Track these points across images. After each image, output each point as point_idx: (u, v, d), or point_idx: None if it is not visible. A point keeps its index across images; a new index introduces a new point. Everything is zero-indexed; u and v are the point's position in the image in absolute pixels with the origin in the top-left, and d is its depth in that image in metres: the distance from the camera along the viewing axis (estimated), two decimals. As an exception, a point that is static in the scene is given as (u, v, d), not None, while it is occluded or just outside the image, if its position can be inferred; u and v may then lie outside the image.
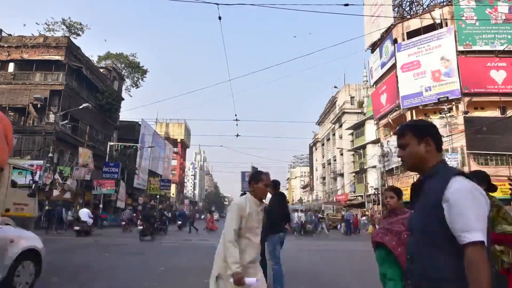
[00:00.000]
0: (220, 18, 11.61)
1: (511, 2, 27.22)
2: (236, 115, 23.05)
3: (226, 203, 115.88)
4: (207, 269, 3.26)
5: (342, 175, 47.08)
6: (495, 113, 26.24)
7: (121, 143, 33.97)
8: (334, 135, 50.82)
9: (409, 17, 31.32)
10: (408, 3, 32.76)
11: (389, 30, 31.17)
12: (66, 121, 25.15)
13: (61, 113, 24.34)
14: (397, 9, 32.63)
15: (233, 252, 2.62)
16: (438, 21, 27.96)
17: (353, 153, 42.76)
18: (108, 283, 6.38)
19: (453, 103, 26.22)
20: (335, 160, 50.28)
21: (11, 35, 29.49)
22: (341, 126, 46.78)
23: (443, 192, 1.38)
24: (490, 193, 2.65)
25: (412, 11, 32.45)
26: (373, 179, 36.11)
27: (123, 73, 42.08)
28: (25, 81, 26.83)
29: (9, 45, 27.69)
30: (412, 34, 29.47)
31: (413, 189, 1.59)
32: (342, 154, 46.44)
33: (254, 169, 44.57)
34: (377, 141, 34.46)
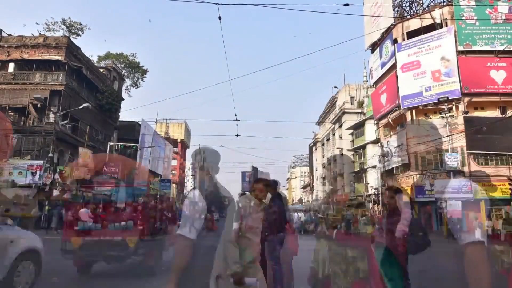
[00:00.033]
0: (220, 18, 11.62)
1: (511, 2, 27.22)
2: (236, 115, 23.10)
3: (226, 203, 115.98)
4: (207, 269, 3.25)
5: (342, 175, 47.10)
6: (495, 113, 26.23)
7: (121, 143, 33.96)
8: (334, 135, 50.81)
9: (409, 17, 31.31)
10: (408, 3, 32.75)
11: (389, 30, 31.17)
12: (66, 121, 25.15)
13: (61, 113, 24.35)
14: (397, 9, 32.61)
15: (233, 252, 2.63)
16: (438, 21, 27.95)
17: (353, 153, 42.77)
18: (108, 283, 6.38)
19: (453, 103, 26.21)
20: (335, 160, 50.28)
21: (11, 35, 29.49)
22: (341, 126, 46.77)
23: None
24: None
25: (412, 11, 32.44)
26: (373, 179, 36.13)
27: (123, 73, 42.09)
28: (25, 81, 26.82)
29: (9, 45, 27.70)
30: (412, 34, 29.46)
31: None
32: (342, 154, 46.44)
33: (254, 169, 44.67)
34: (377, 141, 34.46)
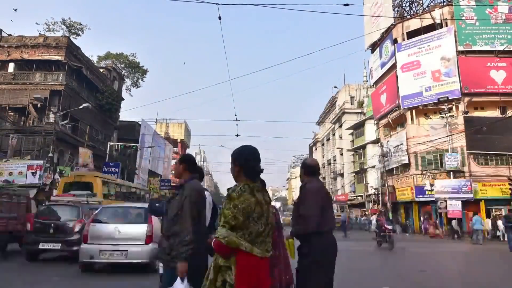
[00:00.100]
0: (220, 18, 11.63)
1: (511, 2, 27.22)
2: (236, 115, 23.08)
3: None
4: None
5: (342, 175, 47.10)
6: (495, 113, 26.24)
7: (121, 143, 33.96)
8: (334, 135, 50.82)
9: (409, 17, 31.31)
10: (408, 3, 32.77)
11: (389, 30, 31.18)
12: (66, 121, 25.14)
13: (61, 113, 24.34)
14: (397, 9, 32.63)
15: None
16: (438, 21, 27.96)
17: (353, 153, 42.77)
18: (108, 282, 6.38)
19: (453, 103, 26.23)
20: (335, 160, 50.29)
21: (11, 35, 29.49)
22: (341, 126, 46.78)
23: None
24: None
25: (412, 11, 32.46)
26: (373, 179, 36.14)
27: (123, 73, 42.09)
28: (25, 81, 26.82)
29: (9, 45, 27.69)
30: (412, 34, 29.47)
31: None
32: (342, 154, 46.46)
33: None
34: (377, 141, 34.47)
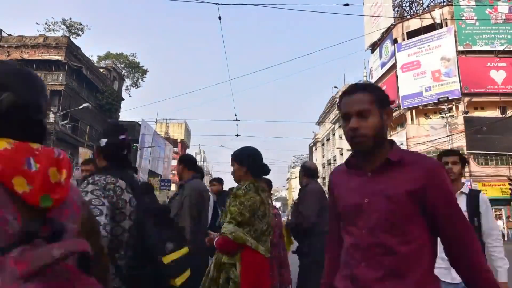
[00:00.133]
0: (220, 18, 11.63)
1: (511, 2, 27.23)
2: (236, 115, 23.01)
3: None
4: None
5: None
6: (495, 113, 26.24)
7: (121, 143, 33.95)
8: (334, 135, 50.81)
9: (409, 17, 31.31)
10: (408, 3, 32.77)
11: (389, 30, 31.17)
12: (66, 121, 25.14)
13: (61, 113, 24.34)
14: (397, 9, 32.63)
15: None
16: (438, 21, 27.96)
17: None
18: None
19: (453, 103, 26.22)
20: (335, 160, 50.29)
21: (11, 35, 29.48)
22: (341, 126, 46.69)
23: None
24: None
25: (412, 11, 32.46)
26: (373, 179, 36.12)
27: (123, 73, 42.07)
28: (25, 81, 26.82)
29: (9, 45, 27.68)
30: (412, 34, 29.47)
31: None
32: (342, 154, 46.45)
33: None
34: (377, 141, 34.45)
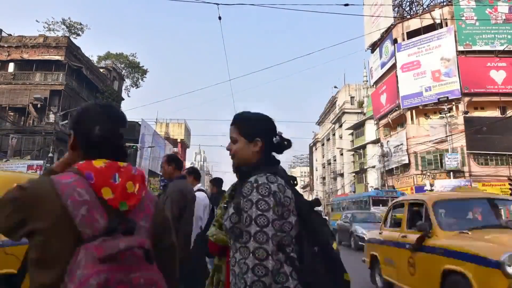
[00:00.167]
0: (220, 18, 11.63)
1: (511, 2, 27.23)
2: (236, 115, 22.95)
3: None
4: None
5: (342, 175, 47.07)
6: (495, 113, 26.23)
7: (121, 143, 33.95)
8: (334, 135, 50.81)
9: (409, 17, 31.32)
10: (408, 3, 32.78)
11: (389, 30, 31.17)
12: (66, 121, 25.12)
13: (61, 113, 24.35)
14: (397, 9, 32.64)
15: None
16: (438, 21, 27.96)
17: (353, 153, 42.75)
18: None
19: (453, 103, 26.22)
20: (335, 160, 50.28)
21: (11, 35, 29.49)
22: (341, 126, 46.76)
23: None
24: None
25: (412, 11, 32.47)
26: (373, 179, 36.11)
27: (123, 73, 42.08)
28: (25, 81, 26.82)
29: (9, 45, 27.70)
30: (412, 34, 29.47)
31: None
32: (342, 154, 46.44)
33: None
34: (377, 141, 34.45)
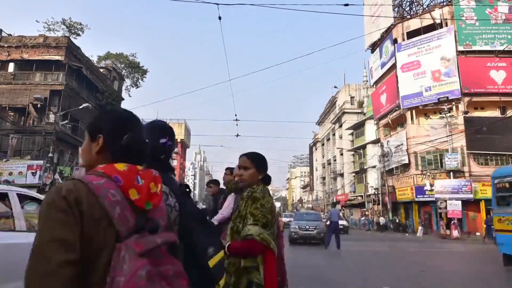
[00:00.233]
0: (220, 18, 11.62)
1: (511, 2, 27.23)
2: (236, 115, 23.03)
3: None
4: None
5: (342, 175, 47.08)
6: (495, 113, 26.24)
7: (121, 143, 33.91)
8: (334, 135, 50.81)
9: (409, 17, 31.32)
10: (408, 3, 32.79)
11: (389, 30, 31.18)
12: (66, 121, 25.14)
13: (61, 113, 24.34)
14: (397, 9, 32.64)
15: None
16: (438, 21, 27.96)
17: (353, 153, 42.75)
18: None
19: (453, 103, 26.22)
20: (335, 160, 50.29)
21: (11, 35, 29.48)
22: (341, 126, 46.77)
23: None
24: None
25: (412, 11, 32.47)
26: (373, 179, 36.12)
27: (123, 73, 42.06)
28: (25, 81, 26.81)
29: (9, 45, 27.68)
30: (412, 34, 29.48)
31: None
32: (342, 154, 46.45)
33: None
34: (377, 141, 34.46)
